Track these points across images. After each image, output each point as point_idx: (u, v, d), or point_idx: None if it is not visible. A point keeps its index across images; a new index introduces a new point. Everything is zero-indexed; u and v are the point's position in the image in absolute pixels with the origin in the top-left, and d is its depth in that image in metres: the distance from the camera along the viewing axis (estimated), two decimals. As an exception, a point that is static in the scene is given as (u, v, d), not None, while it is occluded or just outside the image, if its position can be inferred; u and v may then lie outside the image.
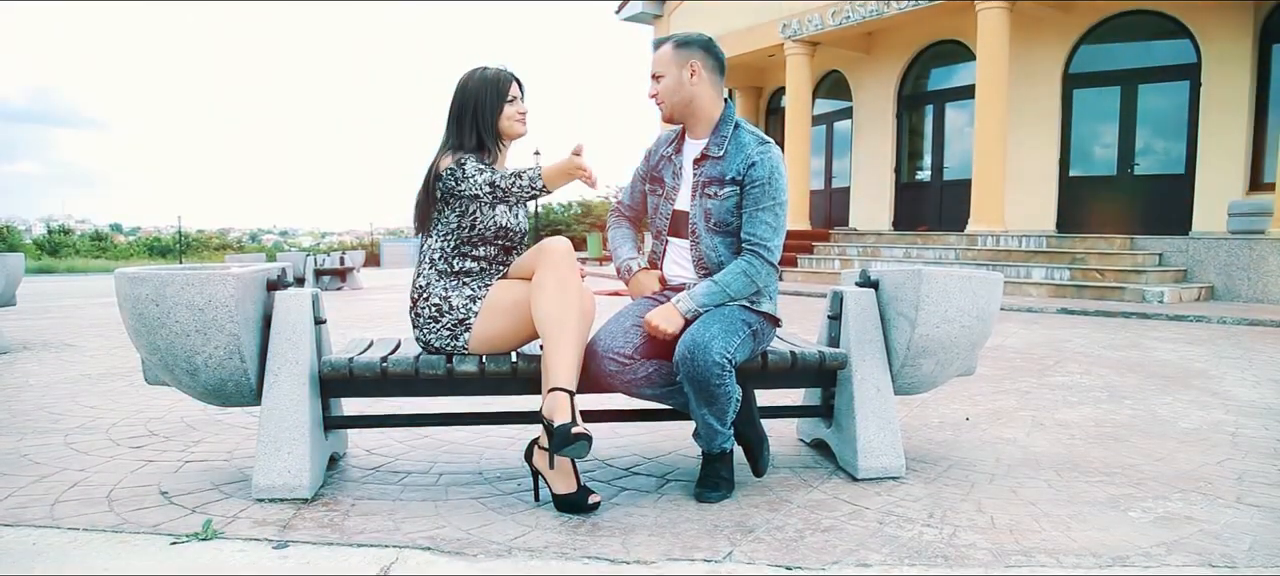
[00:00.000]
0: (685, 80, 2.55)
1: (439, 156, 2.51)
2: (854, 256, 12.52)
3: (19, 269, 6.14)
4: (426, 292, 2.50)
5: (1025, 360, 5.27)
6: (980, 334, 2.74)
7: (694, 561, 1.98)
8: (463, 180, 2.41)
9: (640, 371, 2.41)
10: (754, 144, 2.54)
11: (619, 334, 2.43)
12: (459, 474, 2.69)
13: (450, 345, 2.50)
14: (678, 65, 2.55)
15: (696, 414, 2.40)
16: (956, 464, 2.85)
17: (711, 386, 2.29)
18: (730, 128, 2.58)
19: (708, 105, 2.58)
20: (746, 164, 2.51)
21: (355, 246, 28.49)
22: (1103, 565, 1.98)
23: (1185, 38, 11.29)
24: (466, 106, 2.52)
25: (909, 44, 14.33)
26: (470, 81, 2.55)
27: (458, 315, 2.47)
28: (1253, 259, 9.28)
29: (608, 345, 2.40)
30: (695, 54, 2.55)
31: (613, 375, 2.39)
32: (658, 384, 2.43)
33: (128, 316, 2.40)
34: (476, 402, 2.84)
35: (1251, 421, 3.55)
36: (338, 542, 2.08)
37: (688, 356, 2.28)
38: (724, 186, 2.53)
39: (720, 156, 2.55)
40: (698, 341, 2.29)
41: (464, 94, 2.54)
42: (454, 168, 2.43)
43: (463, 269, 2.52)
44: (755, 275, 2.47)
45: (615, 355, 2.38)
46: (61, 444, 3.07)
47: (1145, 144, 11.89)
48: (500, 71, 2.56)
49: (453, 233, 2.51)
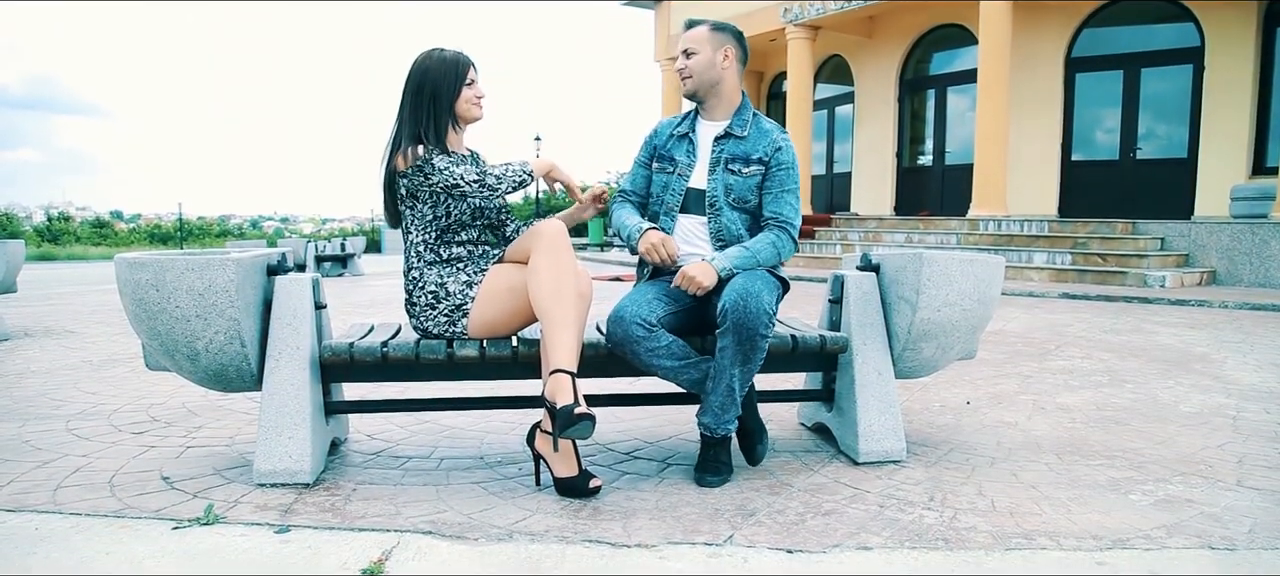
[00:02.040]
0: (717, 62, 2.65)
1: (394, 154, 2.47)
2: (855, 241, 12.50)
3: (20, 256, 6.14)
4: (420, 282, 2.50)
5: (1026, 344, 5.27)
6: (981, 318, 2.73)
7: (695, 545, 1.98)
8: (432, 174, 2.42)
9: (662, 341, 2.44)
10: (776, 131, 2.69)
11: (644, 303, 2.47)
12: (460, 458, 2.70)
13: (448, 331, 2.49)
14: (713, 46, 2.64)
15: (720, 381, 2.41)
16: (957, 447, 2.85)
17: (758, 337, 2.34)
18: (750, 113, 2.71)
19: (731, 90, 2.69)
20: (773, 148, 2.64)
21: (356, 233, 28.49)
22: (1103, 547, 1.98)
23: (1188, 21, 11.23)
24: (424, 88, 2.48)
25: (911, 28, 14.27)
26: (428, 62, 2.51)
27: (454, 300, 2.47)
28: (1255, 243, 9.26)
29: (634, 312, 2.43)
30: (729, 40, 2.67)
31: (637, 341, 2.41)
32: (677, 356, 2.46)
33: (128, 302, 2.40)
34: (477, 387, 2.84)
35: (1252, 405, 3.55)
36: (339, 527, 2.09)
37: (740, 304, 2.32)
38: (749, 165, 2.63)
39: (743, 136, 2.65)
40: (750, 290, 2.35)
41: (423, 76, 2.49)
42: (421, 165, 2.42)
43: (450, 256, 2.52)
44: (782, 249, 2.60)
45: (642, 321, 2.41)
46: (63, 430, 3.07)
47: (1148, 128, 11.85)
48: (458, 54, 2.54)
49: (430, 225, 2.50)
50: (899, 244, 11.88)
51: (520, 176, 2.50)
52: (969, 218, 11.64)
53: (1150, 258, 9.52)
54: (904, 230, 12.28)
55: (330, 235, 22.14)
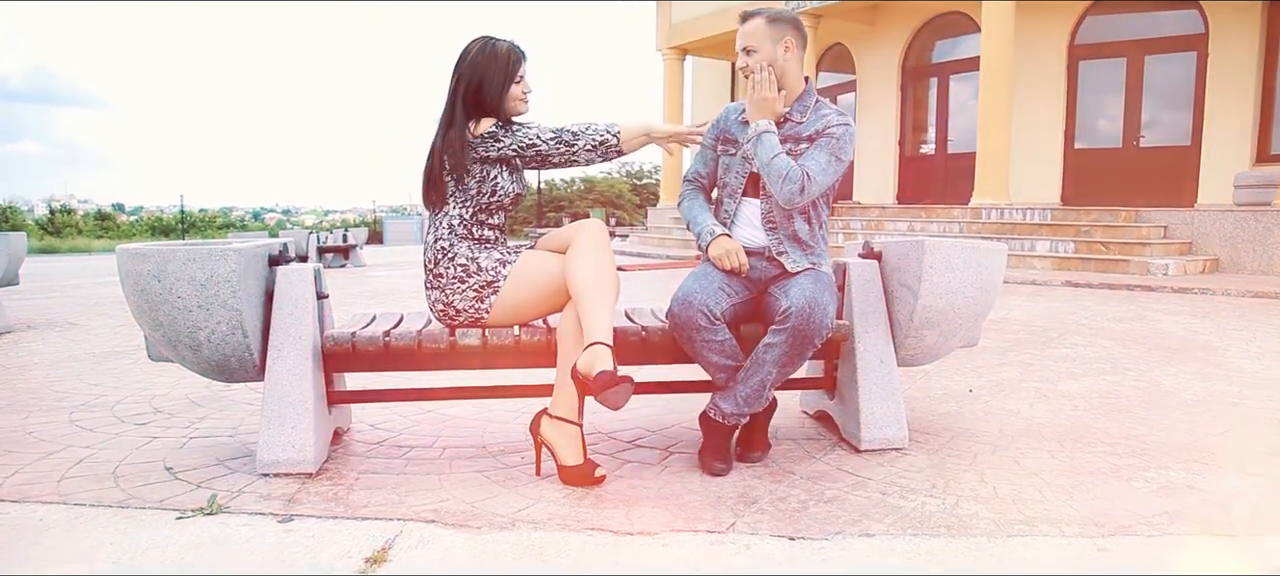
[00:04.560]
0: (779, 55, 2.59)
1: (448, 131, 2.47)
2: (858, 229, 12.47)
3: (22, 248, 6.15)
4: (450, 253, 2.49)
5: (1029, 332, 5.27)
6: (983, 305, 2.73)
7: (697, 532, 1.99)
8: (506, 136, 2.45)
9: (720, 336, 2.46)
10: (834, 113, 2.63)
11: (712, 291, 2.48)
12: (462, 447, 2.70)
13: (474, 308, 2.49)
14: (772, 40, 2.58)
15: (755, 374, 2.44)
16: (960, 435, 2.85)
17: (810, 345, 2.40)
18: (812, 99, 2.66)
19: (795, 80, 2.65)
20: (825, 124, 2.59)
21: (358, 224, 28.50)
22: (1105, 534, 1.98)
23: (1192, 8, 11.16)
24: (473, 79, 2.48)
25: (913, 16, 14.20)
26: (480, 56, 2.49)
27: (486, 276, 2.47)
28: (1259, 231, 9.23)
29: (702, 299, 2.44)
30: (788, 31, 2.61)
31: (698, 329, 2.43)
32: (727, 356, 2.48)
33: (130, 293, 2.40)
34: (479, 377, 2.84)
35: (1255, 393, 3.54)
36: (342, 516, 2.09)
37: (806, 310, 2.36)
38: (800, 144, 2.59)
39: (800, 121, 2.63)
40: (817, 300, 2.38)
41: (473, 66, 2.49)
42: (494, 131, 2.45)
43: (480, 236, 2.53)
44: (791, 179, 2.48)
45: (707, 311, 2.43)
46: (67, 421, 3.08)
47: (1151, 116, 11.79)
48: (511, 47, 2.53)
49: (471, 199, 2.50)
50: (901, 232, 11.85)
51: (602, 136, 2.51)
52: (972, 206, 11.60)
53: (1153, 245, 9.50)
54: (906, 218, 12.25)
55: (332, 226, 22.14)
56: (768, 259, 2.62)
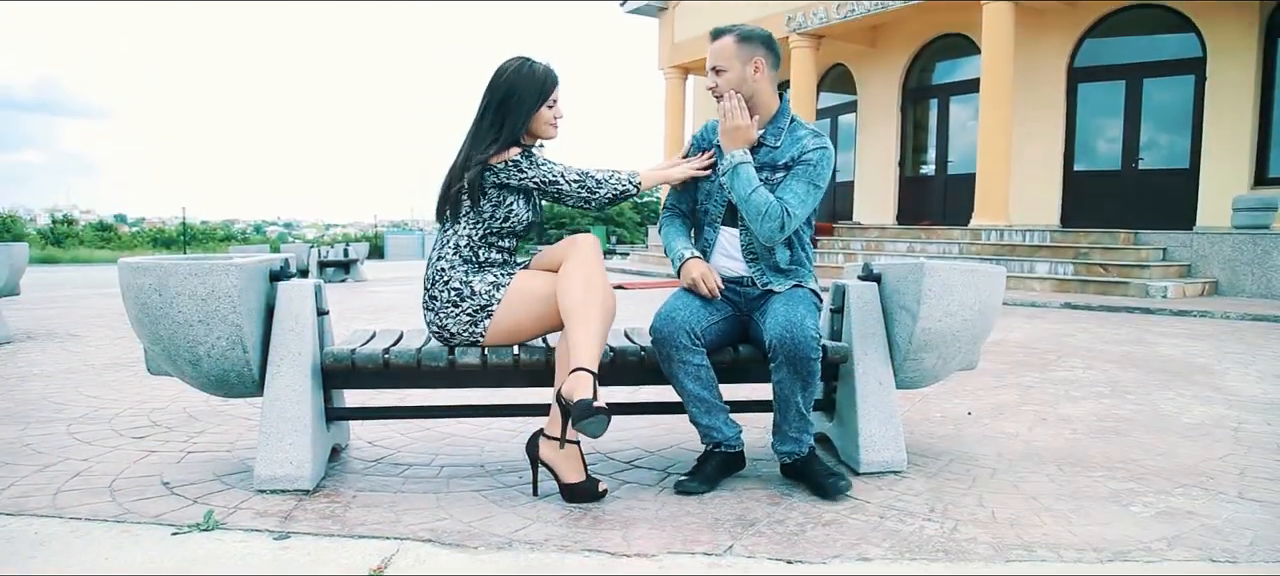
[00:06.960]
0: (749, 76, 2.56)
1: (474, 150, 2.46)
2: (857, 250, 12.50)
3: (23, 258, 6.15)
4: (445, 276, 2.49)
5: (1028, 355, 5.27)
6: (982, 328, 2.73)
7: (695, 555, 1.98)
8: (529, 167, 2.45)
9: (698, 358, 2.46)
10: (809, 134, 2.61)
11: (694, 310, 2.47)
12: (460, 466, 2.70)
13: (469, 331, 2.49)
14: (742, 61, 2.55)
15: (788, 408, 2.41)
16: (958, 458, 2.85)
17: (811, 361, 2.36)
18: (786, 121, 2.63)
19: (767, 100, 2.62)
20: (801, 150, 2.56)
21: (359, 238, 28.51)
22: (1104, 559, 1.98)
23: (1190, 32, 11.23)
24: (507, 99, 2.46)
25: (914, 38, 14.28)
26: (517, 74, 2.48)
27: (479, 300, 2.47)
28: (1257, 254, 9.25)
29: (685, 318, 2.44)
30: (758, 50, 2.57)
31: (679, 347, 2.43)
32: (703, 384, 2.47)
33: (130, 306, 2.40)
34: (478, 395, 2.84)
35: (1254, 417, 3.54)
36: (339, 534, 2.09)
37: (788, 337, 2.33)
38: (777, 172, 2.57)
39: (776, 146, 2.59)
40: (792, 319, 2.35)
41: (508, 86, 2.47)
42: (517, 160, 2.44)
43: (486, 259, 2.52)
44: (769, 216, 2.47)
45: (689, 331, 2.43)
46: (64, 433, 3.07)
47: (1150, 139, 11.84)
48: (547, 71, 2.51)
49: (484, 221, 2.50)
50: (901, 253, 11.87)
51: (624, 187, 2.54)
52: (971, 227, 11.63)
53: (1152, 268, 9.51)
54: (906, 239, 12.28)
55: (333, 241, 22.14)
56: (749, 284, 2.62)
